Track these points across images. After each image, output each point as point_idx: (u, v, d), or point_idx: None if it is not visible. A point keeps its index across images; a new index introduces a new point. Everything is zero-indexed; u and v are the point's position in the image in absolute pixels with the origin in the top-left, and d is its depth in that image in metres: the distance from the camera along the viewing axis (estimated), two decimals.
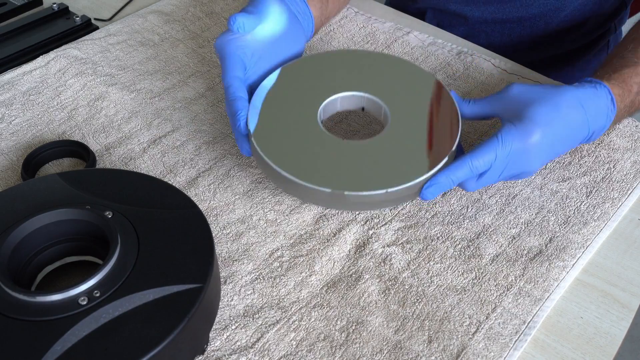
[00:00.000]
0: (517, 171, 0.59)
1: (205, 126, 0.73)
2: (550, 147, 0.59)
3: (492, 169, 0.58)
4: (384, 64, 0.69)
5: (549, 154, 0.60)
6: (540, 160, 0.59)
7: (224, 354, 0.52)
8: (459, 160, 0.58)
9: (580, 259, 0.59)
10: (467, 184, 0.59)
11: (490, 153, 0.57)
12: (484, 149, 0.57)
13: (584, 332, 0.54)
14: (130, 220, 0.52)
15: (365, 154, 0.60)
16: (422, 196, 0.58)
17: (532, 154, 0.58)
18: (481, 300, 0.56)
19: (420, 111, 0.63)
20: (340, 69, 0.68)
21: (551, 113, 0.58)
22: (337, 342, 0.53)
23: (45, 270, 0.54)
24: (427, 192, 0.58)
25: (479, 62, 0.81)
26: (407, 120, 0.63)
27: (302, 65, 0.69)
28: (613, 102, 0.62)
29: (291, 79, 0.67)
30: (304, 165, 0.59)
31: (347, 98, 0.66)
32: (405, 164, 0.59)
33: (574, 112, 0.59)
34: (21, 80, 0.79)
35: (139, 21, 0.90)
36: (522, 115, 0.58)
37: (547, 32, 0.94)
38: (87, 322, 0.45)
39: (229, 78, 0.63)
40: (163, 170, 0.68)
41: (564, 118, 0.59)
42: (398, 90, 0.65)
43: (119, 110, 0.75)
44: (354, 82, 0.66)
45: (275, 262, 0.59)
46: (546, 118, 0.58)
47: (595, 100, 0.61)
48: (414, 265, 0.58)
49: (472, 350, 0.52)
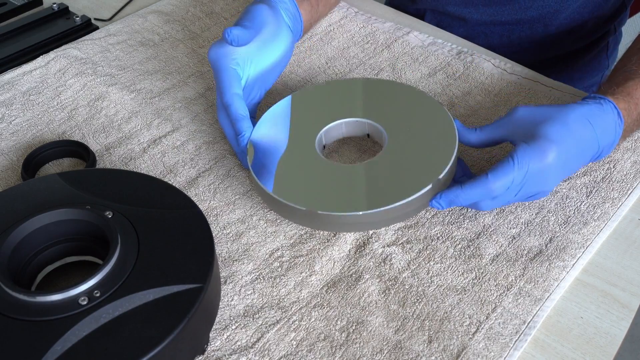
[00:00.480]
0: (534, 191, 0.58)
1: (205, 126, 0.73)
2: (564, 165, 0.58)
3: (509, 190, 0.57)
4: (393, 92, 0.70)
5: (563, 172, 0.59)
6: (555, 178, 0.59)
7: (224, 354, 0.52)
8: (476, 181, 0.57)
9: (580, 259, 0.59)
10: (482, 204, 0.59)
11: (508, 175, 0.56)
12: (499, 170, 0.56)
13: (584, 332, 0.54)
14: (130, 220, 0.52)
15: (350, 176, 0.61)
16: (432, 204, 0.59)
17: (548, 172, 0.57)
18: (481, 300, 0.56)
19: (416, 138, 0.64)
20: (348, 95, 0.70)
21: (562, 130, 0.58)
22: (337, 342, 0.53)
23: (45, 270, 0.54)
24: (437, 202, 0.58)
25: (479, 62, 0.81)
26: (401, 147, 0.63)
27: (312, 91, 0.71)
28: (620, 116, 0.61)
29: (299, 104, 0.69)
30: (284, 183, 0.61)
31: (351, 124, 0.67)
32: (389, 188, 0.59)
33: (583, 129, 0.59)
34: (21, 80, 0.79)
35: (139, 21, 0.90)
36: (534, 134, 0.58)
37: (546, 34, 0.94)
38: (87, 322, 0.45)
39: (228, 96, 0.64)
40: (163, 170, 0.68)
41: (574, 135, 0.58)
42: (400, 118, 0.66)
43: (119, 110, 0.75)
44: (361, 109, 0.68)
45: (275, 262, 0.59)
46: (558, 135, 0.57)
47: (602, 116, 0.60)
48: (414, 265, 0.58)
49: (472, 350, 0.52)
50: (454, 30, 0.92)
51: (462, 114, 0.74)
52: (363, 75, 0.80)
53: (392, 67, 0.81)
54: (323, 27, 0.88)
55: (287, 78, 0.80)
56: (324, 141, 0.67)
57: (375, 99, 0.69)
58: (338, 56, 0.83)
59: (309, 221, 0.60)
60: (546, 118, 0.59)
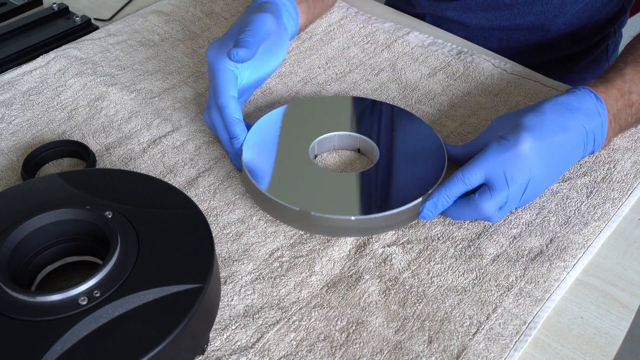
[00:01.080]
0: (525, 181, 0.58)
1: (205, 126, 0.73)
2: (549, 152, 0.59)
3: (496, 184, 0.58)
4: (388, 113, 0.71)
5: (554, 161, 0.59)
6: (545, 167, 0.59)
7: (224, 354, 0.52)
8: (451, 177, 0.59)
9: (581, 259, 0.59)
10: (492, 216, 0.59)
11: (481, 164, 0.58)
12: (472, 162, 0.59)
13: (584, 332, 0.54)
14: (130, 220, 0.52)
15: (344, 183, 0.63)
16: (421, 215, 0.61)
17: (530, 160, 0.58)
18: (482, 301, 0.56)
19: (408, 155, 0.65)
20: (345, 111, 0.71)
21: (536, 119, 0.59)
22: (337, 343, 0.53)
23: (45, 271, 0.54)
24: (423, 210, 0.60)
25: (479, 62, 0.81)
26: (394, 161, 0.65)
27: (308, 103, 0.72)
28: (598, 99, 0.62)
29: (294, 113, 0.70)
30: (280, 185, 0.62)
31: (344, 137, 0.69)
32: (382, 196, 0.61)
33: (561, 117, 0.60)
34: (21, 80, 0.79)
35: (139, 21, 0.89)
36: (510, 129, 0.59)
37: (546, 38, 0.94)
38: (87, 322, 0.45)
39: (225, 98, 0.64)
40: (163, 170, 0.68)
41: (552, 122, 0.59)
42: (393, 136, 0.68)
43: (119, 110, 0.75)
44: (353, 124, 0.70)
45: (275, 262, 0.59)
46: (532, 123, 0.59)
47: (579, 100, 0.61)
48: (414, 266, 0.58)
49: (472, 350, 0.52)
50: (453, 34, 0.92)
51: (462, 114, 0.74)
52: (363, 75, 0.80)
53: (392, 67, 0.81)
54: (323, 27, 0.88)
55: (287, 78, 0.80)
56: (316, 151, 0.68)
57: (368, 116, 0.71)
58: (338, 56, 0.83)
59: (302, 223, 0.60)
60: (520, 114, 0.61)
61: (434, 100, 0.76)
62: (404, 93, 0.77)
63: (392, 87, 0.78)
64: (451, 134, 0.72)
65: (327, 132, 0.68)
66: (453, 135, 0.72)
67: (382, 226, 0.60)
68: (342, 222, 0.59)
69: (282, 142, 0.66)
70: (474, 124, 0.73)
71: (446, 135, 0.71)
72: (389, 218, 0.60)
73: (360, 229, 0.60)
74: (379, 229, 0.60)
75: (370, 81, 0.79)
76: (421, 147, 0.66)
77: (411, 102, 0.76)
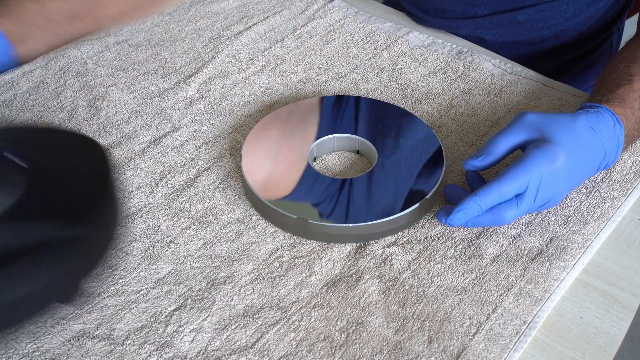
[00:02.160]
0: (548, 196, 0.59)
1: (205, 126, 0.73)
2: (573, 170, 0.59)
3: (527, 196, 0.58)
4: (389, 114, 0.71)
5: (572, 179, 0.60)
6: (565, 184, 0.59)
7: (224, 354, 0.52)
8: (487, 186, 0.57)
9: (580, 259, 0.59)
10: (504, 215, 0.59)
11: (520, 177, 0.57)
12: (511, 174, 0.57)
13: (584, 332, 0.54)
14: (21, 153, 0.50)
15: (341, 189, 0.62)
16: (450, 222, 0.59)
17: (558, 176, 0.58)
18: (482, 301, 0.56)
19: (406, 158, 0.65)
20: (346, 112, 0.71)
21: (569, 136, 0.59)
22: (337, 343, 0.53)
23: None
24: (454, 218, 0.58)
25: (479, 62, 0.81)
26: (392, 165, 0.65)
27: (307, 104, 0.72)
28: (619, 121, 0.63)
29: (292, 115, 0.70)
30: (277, 192, 0.62)
31: (343, 139, 0.69)
32: (378, 203, 0.61)
33: (589, 135, 0.60)
34: (21, 80, 0.79)
35: (139, 21, 0.89)
36: (544, 139, 0.59)
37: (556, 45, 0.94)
38: None
39: None
40: (163, 170, 0.68)
41: (581, 140, 0.60)
42: (393, 138, 0.68)
43: (119, 110, 0.75)
44: (354, 126, 0.70)
45: (275, 262, 0.59)
46: (566, 140, 0.59)
47: (602, 123, 0.62)
48: (414, 266, 0.58)
49: (472, 351, 0.52)
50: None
51: (462, 114, 0.74)
52: (363, 75, 0.80)
53: (392, 67, 0.81)
54: (323, 27, 0.88)
55: (287, 78, 0.80)
56: (315, 153, 0.68)
57: (367, 117, 0.71)
58: (338, 56, 0.83)
59: (299, 230, 0.61)
60: (554, 124, 0.60)
61: (434, 100, 0.76)
62: (404, 93, 0.77)
63: (392, 87, 0.78)
64: (451, 134, 0.72)
65: (326, 134, 0.68)
66: (453, 135, 0.72)
67: (379, 232, 0.60)
68: (340, 229, 0.59)
69: (280, 146, 0.67)
70: (474, 124, 0.73)
71: (446, 135, 0.71)
72: (386, 224, 0.60)
73: (357, 236, 0.60)
74: (377, 234, 0.60)
75: (370, 81, 0.79)
76: (419, 150, 0.66)
77: (411, 102, 0.76)
